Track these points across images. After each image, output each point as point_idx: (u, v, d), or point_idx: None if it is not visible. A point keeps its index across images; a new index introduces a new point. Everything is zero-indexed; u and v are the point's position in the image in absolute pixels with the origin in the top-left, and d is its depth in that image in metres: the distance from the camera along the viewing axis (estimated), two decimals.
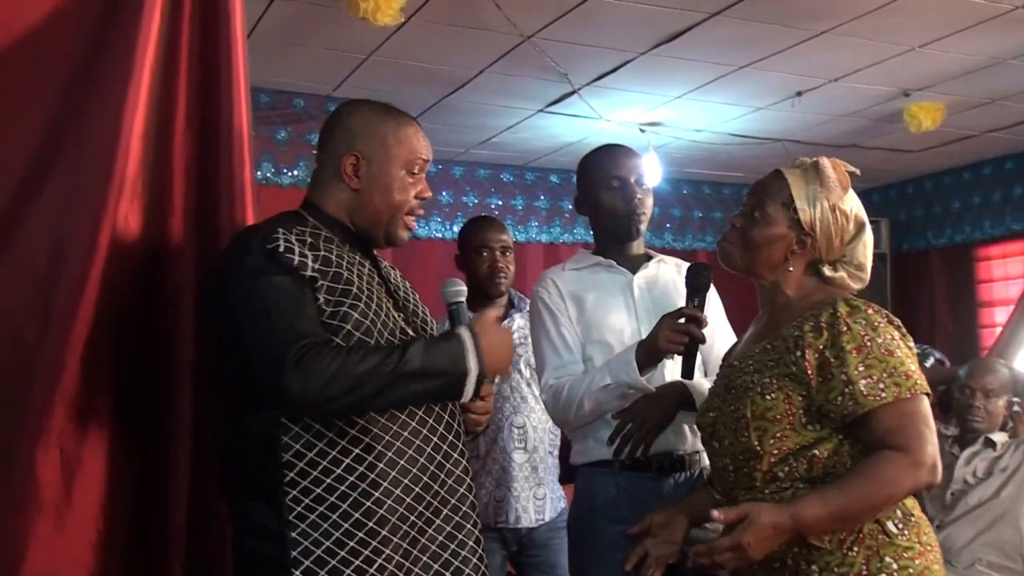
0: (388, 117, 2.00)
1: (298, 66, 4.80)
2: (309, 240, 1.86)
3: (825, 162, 2.02)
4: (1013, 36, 4.37)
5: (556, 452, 3.43)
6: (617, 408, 2.46)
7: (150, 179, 1.95)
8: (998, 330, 6.49)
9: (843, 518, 1.81)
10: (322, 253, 1.85)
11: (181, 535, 1.94)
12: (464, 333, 1.84)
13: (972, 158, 6.67)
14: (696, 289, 2.35)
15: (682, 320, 2.31)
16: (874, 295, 2.00)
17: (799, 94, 5.17)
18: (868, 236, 2.06)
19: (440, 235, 6.49)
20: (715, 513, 1.85)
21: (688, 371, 2.32)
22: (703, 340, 2.31)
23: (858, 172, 2.07)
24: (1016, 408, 3.76)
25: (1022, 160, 6.54)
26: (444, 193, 6.53)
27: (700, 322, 2.30)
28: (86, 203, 1.88)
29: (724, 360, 2.19)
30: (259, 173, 5.20)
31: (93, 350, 1.84)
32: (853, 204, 2.04)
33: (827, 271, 2.04)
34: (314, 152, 1.88)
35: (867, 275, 2.07)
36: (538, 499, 3.31)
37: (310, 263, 1.81)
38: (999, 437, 3.55)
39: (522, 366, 3.34)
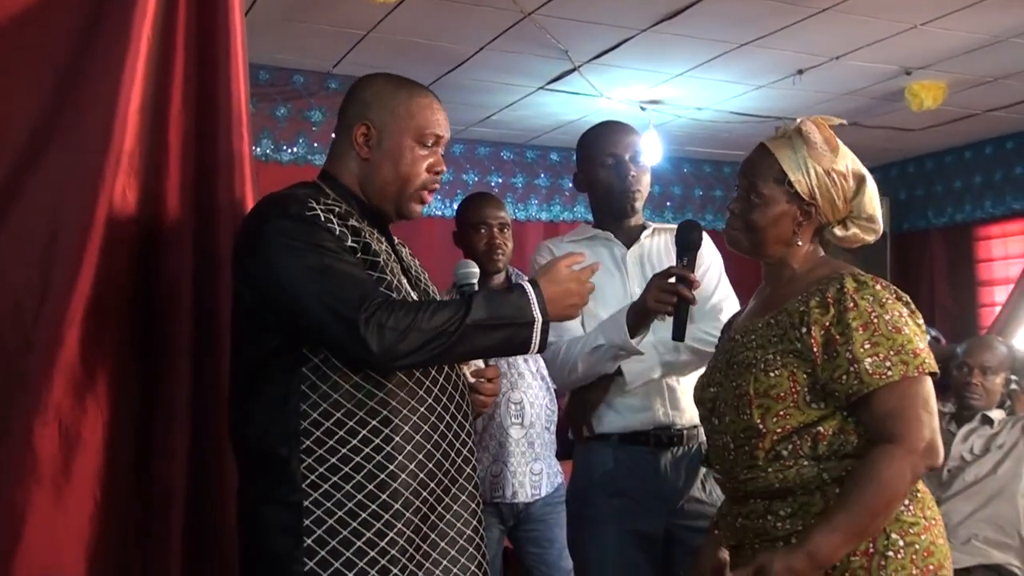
0: (401, 88, 1.98)
1: (297, 43, 4.78)
2: (336, 210, 1.85)
3: (808, 125, 1.95)
4: (1015, 14, 4.35)
5: (553, 428, 3.44)
6: (609, 370, 2.47)
7: (147, 153, 1.96)
8: (997, 309, 6.51)
9: (858, 534, 1.76)
10: (350, 224, 1.85)
11: (180, 508, 1.95)
12: (527, 284, 1.83)
13: (973, 137, 6.65)
14: (685, 248, 2.33)
15: (671, 280, 2.30)
16: (874, 273, 1.97)
17: (800, 72, 5.15)
18: (871, 187, 1.97)
19: (440, 212, 6.48)
20: (724, 554, 1.84)
21: (679, 332, 2.29)
22: (693, 301, 2.28)
23: (844, 122, 2.00)
24: (1013, 386, 3.77)
25: (1023, 139, 6.52)
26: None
27: (689, 282, 2.28)
28: (84, 177, 1.88)
29: (724, 332, 2.15)
30: (258, 150, 5.19)
31: (91, 324, 1.84)
32: (847, 160, 1.96)
33: (838, 231, 1.97)
34: (314, 129, 1.88)
35: (879, 225, 1.99)
36: (534, 474, 3.33)
37: (348, 234, 1.82)
38: (996, 414, 3.56)
39: None
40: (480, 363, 2.06)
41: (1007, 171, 6.64)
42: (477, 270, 2.08)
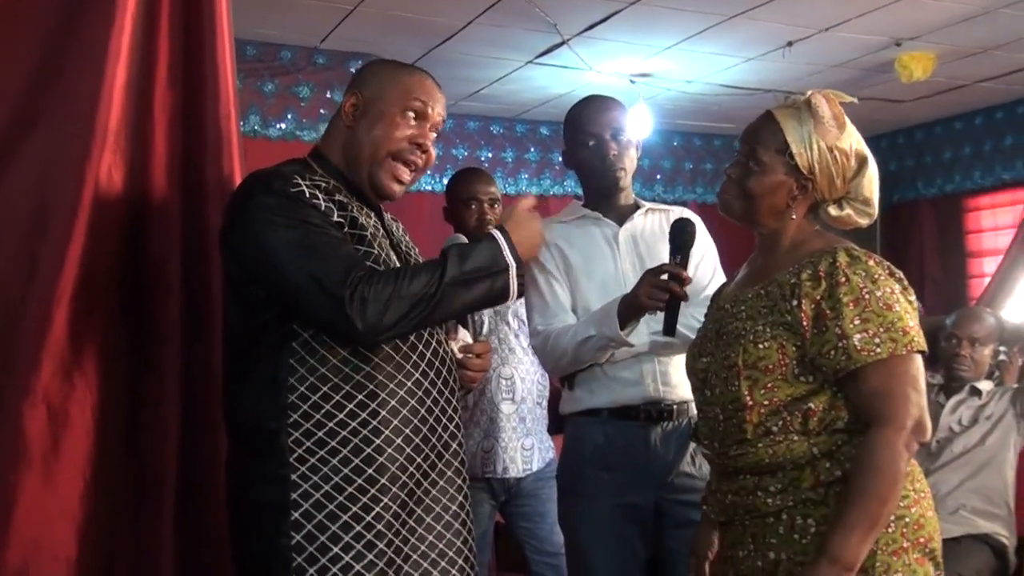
0: (397, 67, 2.00)
1: (285, 18, 4.75)
2: (323, 185, 1.85)
3: (819, 99, 1.92)
4: None
5: (545, 403, 3.45)
6: (599, 359, 2.49)
7: (133, 131, 1.94)
8: (986, 280, 6.54)
9: (873, 525, 1.73)
10: (337, 199, 1.85)
11: (171, 487, 1.95)
12: (495, 231, 1.84)
13: (963, 108, 6.65)
14: (679, 246, 2.33)
15: (664, 277, 2.31)
16: (864, 245, 1.95)
17: (790, 44, 5.14)
18: (872, 170, 1.94)
19: (430, 188, 6.46)
20: None
21: (670, 327, 2.30)
22: (685, 297, 2.29)
23: (855, 100, 1.97)
24: (1002, 357, 3.79)
25: (1013, 110, 6.53)
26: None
27: (682, 279, 2.29)
28: (70, 156, 1.86)
29: (714, 301, 2.13)
30: (247, 126, 5.16)
31: (79, 304, 1.83)
32: (852, 140, 1.93)
33: (832, 210, 1.95)
34: (302, 105, 1.87)
35: (875, 209, 1.97)
36: (526, 449, 3.34)
37: (334, 208, 1.82)
38: (984, 385, 3.58)
39: (510, 317, 3.35)
40: (468, 338, 2.05)
41: (996, 142, 6.65)
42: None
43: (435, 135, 1.97)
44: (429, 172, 6.43)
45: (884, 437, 1.76)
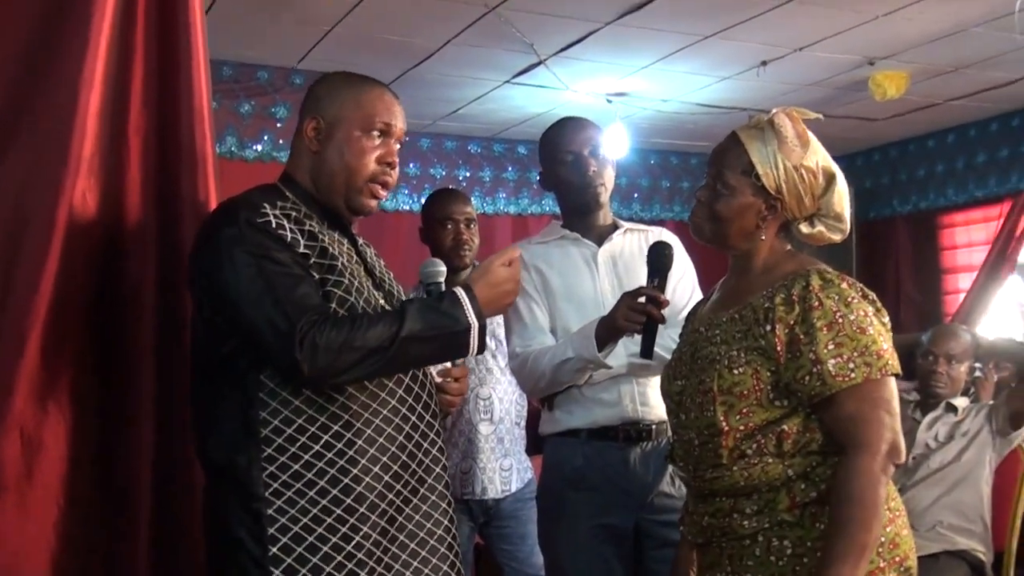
0: (353, 82, 1.97)
1: (262, 38, 4.74)
2: (293, 215, 1.84)
3: (782, 118, 1.91)
4: (976, 4, 4.38)
5: (523, 423, 3.44)
6: (577, 380, 2.48)
7: (107, 155, 1.93)
8: (961, 296, 6.58)
9: (863, 552, 1.72)
10: (307, 228, 1.83)
11: (146, 514, 1.94)
12: (460, 291, 1.82)
13: (936, 126, 6.71)
14: (657, 269, 2.34)
15: (642, 299, 2.31)
16: (840, 262, 1.97)
17: (764, 63, 5.17)
18: (841, 185, 1.94)
19: (408, 207, 6.45)
20: None
21: (647, 350, 2.31)
22: (662, 321, 2.31)
23: (821, 117, 1.97)
24: (977, 374, 3.81)
25: (985, 127, 6.59)
26: (411, 165, 6.50)
27: (660, 302, 2.29)
28: (43, 181, 1.85)
29: (688, 323, 2.13)
30: (223, 147, 5.14)
31: (53, 328, 1.82)
32: (817, 157, 1.92)
33: (804, 228, 1.95)
34: (279, 125, 1.87)
35: (847, 225, 1.96)
36: (504, 470, 3.33)
37: (301, 240, 1.80)
38: (960, 402, 3.60)
39: (488, 338, 3.34)
40: (447, 362, 2.05)
41: (969, 159, 6.71)
42: (444, 268, 2.07)
43: (399, 146, 1.99)
44: (407, 192, 6.45)
45: (860, 464, 1.76)
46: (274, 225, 1.78)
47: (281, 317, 1.70)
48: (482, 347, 1.83)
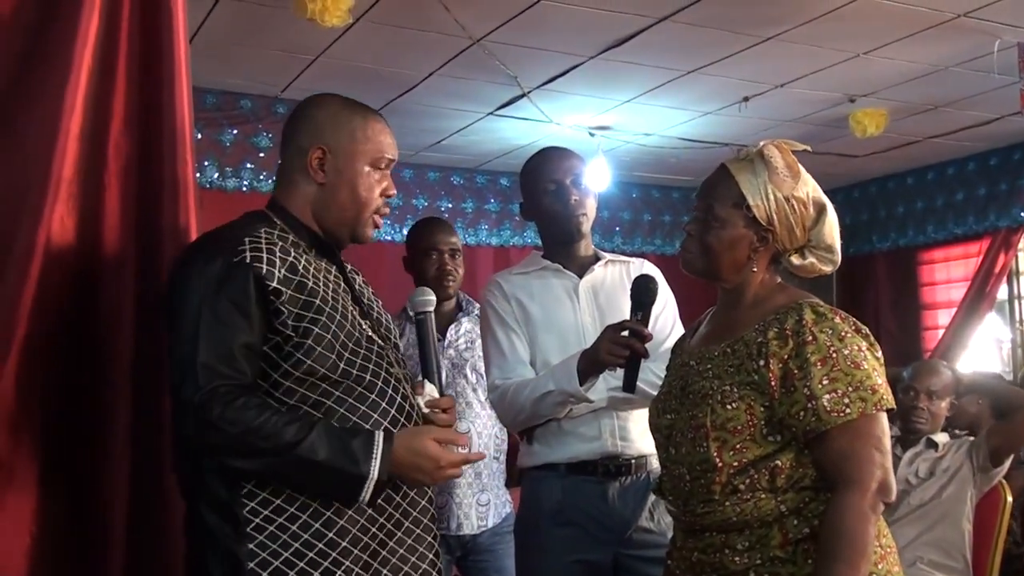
0: (356, 112, 1.96)
1: (245, 67, 4.75)
2: (279, 243, 1.82)
3: (771, 149, 1.91)
4: (955, 44, 4.45)
5: (503, 457, 3.41)
6: (557, 414, 2.47)
7: (87, 179, 1.91)
8: (940, 332, 6.62)
9: None
10: (290, 259, 1.80)
11: (120, 544, 1.90)
12: (379, 436, 1.73)
13: (916, 163, 6.79)
14: (640, 303, 2.32)
15: (625, 333, 2.30)
16: (820, 298, 1.95)
17: (746, 99, 5.22)
18: (831, 216, 1.94)
19: (390, 237, 6.45)
20: None
21: (630, 384, 2.28)
22: (645, 355, 2.27)
23: (808, 148, 1.97)
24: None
25: (963, 166, 6.67)
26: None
27: (642, 336, 2.27)
28: (21, 203, 1.83)
29: (675, 355, 2.11)
30: (204, 176, 5.11)
31: (29, 355, 1.79)
32: (808, 188, 1.92)
33: (795, 260, 1.94)
34: (261, 155, 1.86)
35: (838, 256, 1.96)
36: (481, 505, 3.28)
37: (277, 272, 1.77)
38: (941, 438, 3.60)
39: (468, 371, 3.32)
40: (435, 392, 2.02)
41: (948, 197, 6.78)
42: (433, 298, 2.07)
43: None
44: (388, 222, 6.44)
45: (850, 501, 1.75)
46: (249, 260, 1.75)
47: (190, 374, 1.69)
48: (373, 501, 1.74)
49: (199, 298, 1.73)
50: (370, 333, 1.89)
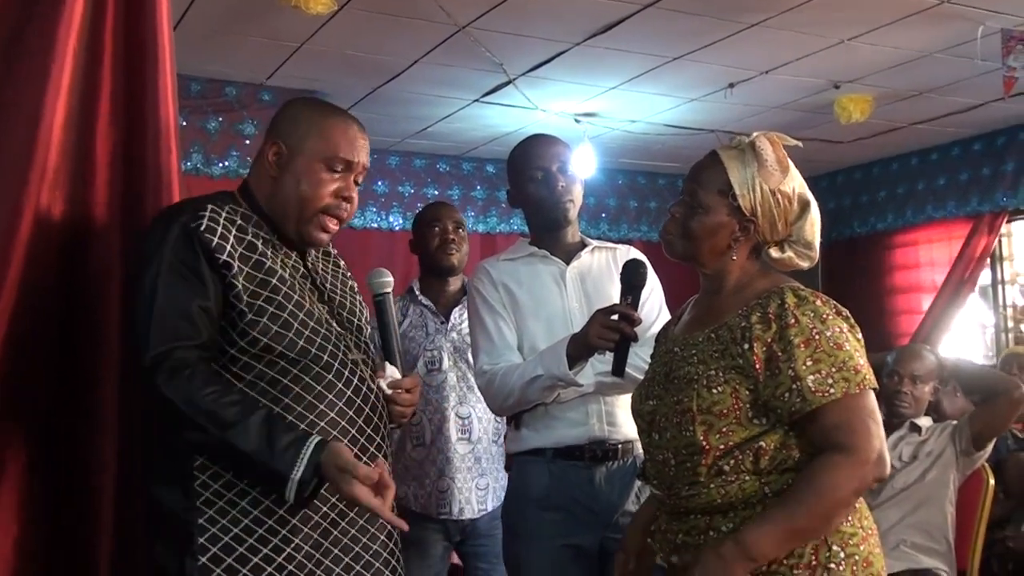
0: (319, 112, 1.97)
1: (230, 55, 4.73)
2: (239, 222, 1.84)
3: (763, 143, 1.92)
4: (939, 30, 4.46)
5: (501, 441, 3.41)
6: (545, 399, 2.48)
7: (72, 169, 1.91)
8: (920, 317, 6.67)
9: (793, 532, 1.75)
10: (248, 238, 1.84)
11: (108, 527, 1.91)
12: (313, 441, 1.70)
13: (900, 149, 6.81)
14: (630, 287, 2.33)
15: (615, 317, 2.31)
16: (805, 282, 1.97)
17: (731, 86, 5.23)
18: (814, 213, 1.96)
19: (376, 225, 6.45)
20: (675, 559, 1.84)
21: (619, 368, 2.29)
22: (635, 338, 2.29)
23: (800, 144, 1.98)
24: (947, 388, 3.85)
25: (947, 151, 6.69)
26: (380, 183, 6.49)
27: (632, 320, 2.28)
28: (7, 191, 1.82)
29: (660, 343, 2.12)
30: (189, 163, 5.11)
31: (15, 341, 1.79)
32: (795, 183, 1.94)
33: (774, 252, 1.96)
34: (246, 143, 1.87)
35: (816, 252, 1.98)
36: (480, 489, 3.29)
37: (229, 247, 1.79)
38: (924, 422, 3.63)
39: (470, 355, 3.33)
40: (396, 374, 2.03)
41: (929, 182, 6.81)
42: (390, 279, 2.08)
43: (361, 179, 1.97)
44: (375, 210, 6.45)
45: (837, 463, 1.76)
46: (204, 228, 1.78)
47: (155, 336, 1.73)
48: (305, 501, 1.71)
49: (157, 262, 1.76)
50: (327, 316, 1.91)
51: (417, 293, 3.43)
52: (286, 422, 1.76)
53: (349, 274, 2.12)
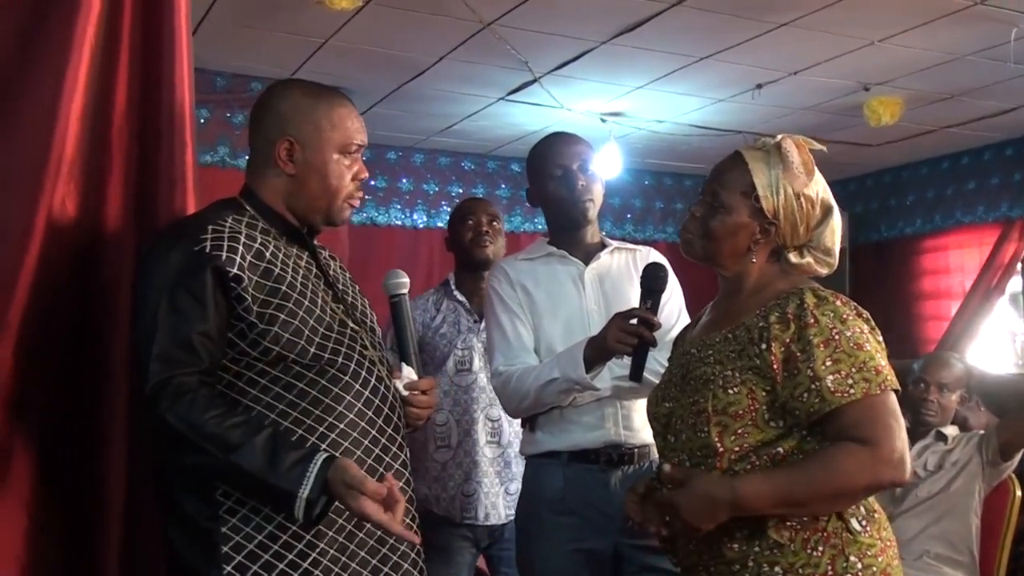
0: (320, 99, 1.95)
1: (255, 50, 4.73)
2: (245, 230, 1.82)
3: (789, 145, 1.91)
4: (971, 32, 4.39)
5: None
6: (561, 402, 2.45)
7: (88, 161, 1.90)
8: (946, 323, 6.59)
9: (788, 501, 1.73)
10: (256, 245, 1.82)
11: (117, 526, 1.90)
12: (320, 456, 1.68)
13: (930, 153, 6.73)
14: (650, 291, 2.30)
15: (633, 321, 2.27)
16: (833, 288, 1.94)
17: (759, 86, 5.17)
18: (836, 220, 1.94)
19: (400, 222, 6.44)
20: (666, 467, 1.83)
21: (637, 373, 2.26)
22: (654, 343, 2.25)
23: (824, 149, 1.96)
24: (970, 402, 3.78)
25: (979, 155, 6.60)
26: (404, 180, 6.49)
27: (651, 324, 2.25)
28: (23, 183, 1.82)
29: (678, 345, 2.10)
30: (215, 156, 5.16)
31: (28, 338, 1.79)
32: (819, 188, 1.92)
33: (793, 257, 1.94)
34: None
35: (835, 260, 1.96)
36: (509, 495, 3.20)
37: (238, 258, 1.77)
38: (950, 431, 3.57)
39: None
40: (413, 375, 2.01)
41: (959, 186, 6.72)
42: (406, 280, 2.06)
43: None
44: (399, 207, 6.45)
45: (857, 454, 1.73)
46: (209, 248, 1.76)
47: (144, 373, 1.71)
48: (308, 519, 1.67)
49: (158, 289, 1.75)
50: (342, 317, 1.90)
51: (452, 287, 3.39)
52: (293, 439, 1.73)
53: (351, 276, 2.11)
